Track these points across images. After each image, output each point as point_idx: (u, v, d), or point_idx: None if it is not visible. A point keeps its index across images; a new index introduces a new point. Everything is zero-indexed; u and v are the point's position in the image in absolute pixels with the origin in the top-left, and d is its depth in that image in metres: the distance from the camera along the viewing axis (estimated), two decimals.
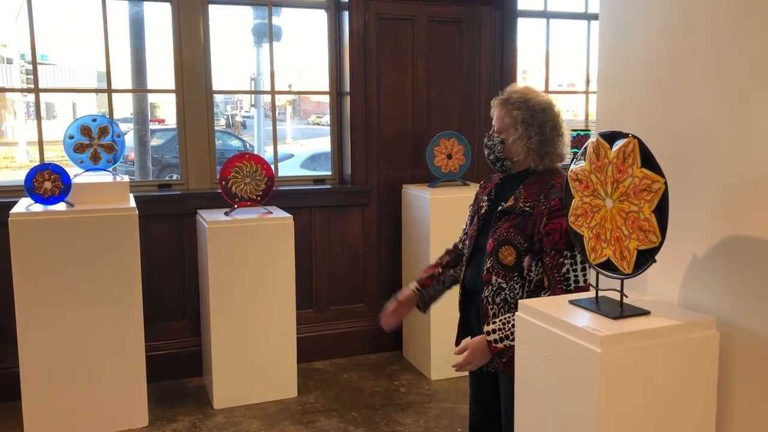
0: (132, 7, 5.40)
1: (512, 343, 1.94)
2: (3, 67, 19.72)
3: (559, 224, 2.01)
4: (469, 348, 2.10)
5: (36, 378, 3.31)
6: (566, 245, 2.01)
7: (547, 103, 2.16)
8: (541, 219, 2.05)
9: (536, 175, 2.15)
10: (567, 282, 2.02)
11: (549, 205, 2.05)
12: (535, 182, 2.13)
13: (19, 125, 17.08)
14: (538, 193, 2.10)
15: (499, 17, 4.63)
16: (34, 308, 3.27)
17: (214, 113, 4.32)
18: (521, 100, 2.14)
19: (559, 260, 2.02)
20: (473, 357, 2.08)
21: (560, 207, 2.01)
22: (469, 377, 2.40)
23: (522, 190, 2.13)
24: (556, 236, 2.02)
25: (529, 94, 2.15)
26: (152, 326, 3.96)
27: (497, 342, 2.02)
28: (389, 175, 4.48)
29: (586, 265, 2.03)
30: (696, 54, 1.66)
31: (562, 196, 2.01)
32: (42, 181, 3.36)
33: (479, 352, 2.07)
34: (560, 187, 2.06)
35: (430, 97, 4.51)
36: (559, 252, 2.02)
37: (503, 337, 2.02)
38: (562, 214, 1.99)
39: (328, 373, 4.26)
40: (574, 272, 2.02)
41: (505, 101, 2.15)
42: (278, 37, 7.28)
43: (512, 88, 2.19)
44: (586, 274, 2.04)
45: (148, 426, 3.53)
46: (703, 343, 1.56)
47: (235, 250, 3.69)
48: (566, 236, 1.99)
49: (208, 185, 4.21)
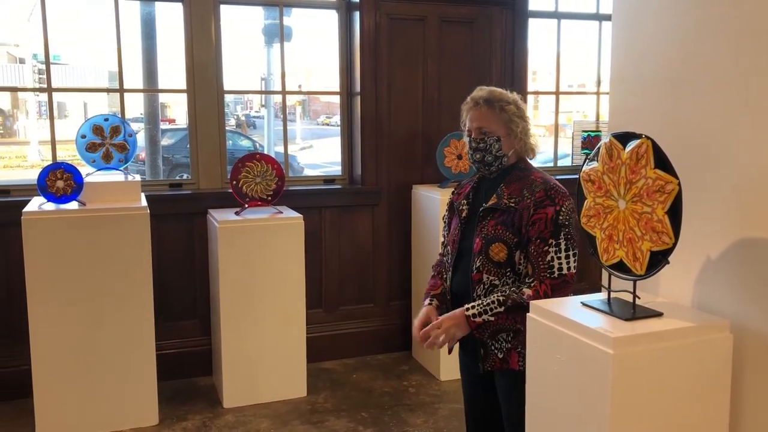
0: (144, 7, 5.43)
1: (490, 318, 2.05)
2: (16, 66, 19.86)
3: (545, 214, 2.06)
4: (447, 318, 2.12)
5: (48, 376, 3.33)
6: (551, 234, 2.05)
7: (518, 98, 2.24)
8: (528, 212, 2.08)
9: (516, 173, 2.18)
10: (551, 270, 2.05)
11: (534, 198, 2.09)
12: (515, 179, 2.17)
13: (31, 124, 17.21)
14: (520, 188, 2.14)
15: (510, 18, 4.62)
16: (46, 306, 3.30)
17: (225, 113, 4.33)
18: (504, 98, 2.19)
19: (544, 248, 2.05)
20: (450, 324, 2.09)
21: (545, 198, 2.08)
22: (462, 384, 2.38)
23: (503, 187, 2.16)
24: (541, 225, 2.06)
25: (503, 92, 2.22)
26: (163, 325, 3.98)
27: (475, 317, 2.06)
28: (399, 175, 4.48)
29: (571, 254, 2.06)
30: (710, 54, 1.65)
31: (545, 188, 2.09)
32: (54, 180, 3.38)
33: (455, 323, 2.09)
34: (541, 181, 2.13)
35: (440, 97, 4.50)
36: (544, 240, 2.05)
37: (483, 311, 2.06)
38: (547, 204, 2.07)
39: (338, 373, 4.26)
40: (558, 260, 2.05)
41: (488, 101, 2.17)
42: (288, 38, 7.30)
43: (481, 92, 2.21)
44: (570, 262, 2.06)
45: (158, 424, 3.55)
46: (716, 346, 1.55)
47: (246, 250, 3.70)
48: (551, 225, 2.05)
49: (218, 185, 4.23)
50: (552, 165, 5.28)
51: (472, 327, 2.06)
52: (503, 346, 2.12)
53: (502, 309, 2.04)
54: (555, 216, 2.05)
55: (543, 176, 2.16)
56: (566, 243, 2.05)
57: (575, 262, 2.08)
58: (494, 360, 2.13)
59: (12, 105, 19.35)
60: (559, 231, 2.05)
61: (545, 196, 2.07)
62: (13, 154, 15.89)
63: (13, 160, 15.13)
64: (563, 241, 2.05)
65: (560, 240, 2.05)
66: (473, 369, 2.21)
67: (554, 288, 2.04)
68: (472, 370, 2.24)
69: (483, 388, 2.26)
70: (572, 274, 2.07)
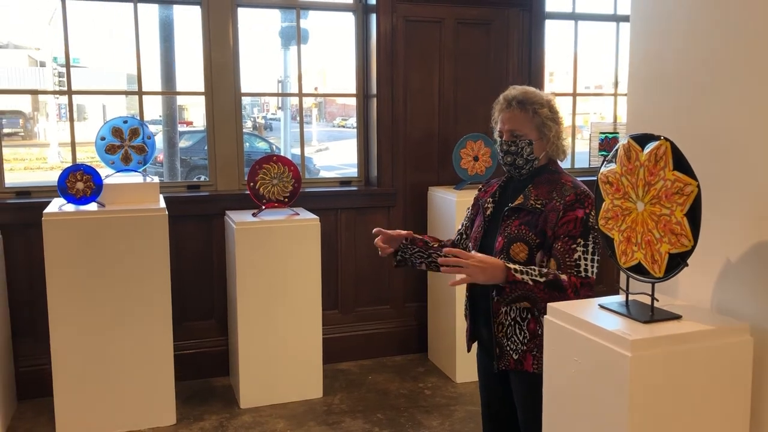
0: (162, 10, 5.48)
1: (529, 281, 1.96)
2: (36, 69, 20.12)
3: (575, 216, 2.05)
4: (485, 256, 2.00)
5: (67, 375, 3.37)
6: (581, 234, 2.04)
7: (552, 98, 2.21)
8: (556, 214, 2.06)
9: (546, 175, 2.17)
10: (578, 268, 2.03)
11: (564, 201, 2.08)
12: (544, 182, 2.16)
13: (51, 127, 17.41)
14: (549, 191, 2.12)
15: (527, 19, 4.61)
16: (66, 306, 3.34)
17: (242, 116, 4.36)
18: (538, 99, 2.16)
19: (572, 246, 2.04)
20: (483, 263, 1.95)
21: (575, 201, 2.06)
22: (480, 384, 2.38)
23: (531, 188, 2.15)
24: (570, 225, 2.04)
25: (536, 92, 2.19)
26: (180, 326, 4.01)
27: (516, 272, 1.97)
28: (415, 177, 4.49)
29: (596, 258, 2.05)
30: (730, 55, 1.64)
31: (576, 192, 2.07)
32: (74, 182, 3.42)
33: (491, 266, 1.96)
34: (571, 185, 2.11)
35: (457, 99, 4.50)
36: (572, 238, 2.04)
37: (524, 272, 1.98)
38: (577, 207, 2.05)
39: (354, 375, 4.27)
40: (585, 261, 2.03)
41: (521, 102, 2.15)
42: (305, 40, 7.33)
43: (513, 91, 2.19)
44: (593, 266, 2.05)
45: (175, 424, 3.58)
46: (736, 349, 1.53)
47: (263, 251, 3.72)
48: (581, 226, 2.04)
49: (236, 186, 4.25)
50: (569, 167, 5.25)
51: (509, 279, 1.95)
52: (519, 347, 2.11)
53: (542, 279, 1.98)
54: (585, 218, 2.04)
55: (573, 180, 2.15)
56: (593, 246, 2.04)
57: (597, 269, 2.06)
58: (509, 360, 2.13)
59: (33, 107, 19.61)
60: (588, 233, 2.03)
61: (576, 199, 2.06)
62: (33, 156, 16.10)
63: (33, 162, 15.32)
64: (591, 244, 2.04)
65: (588, 242, 2.03)
66: (490, 369, 2.21)
67: (582, 286, 2.02)
68: (489, 370, 2.24)
69: (500, 388, 2.26)
70: (593, 279, 2.06)
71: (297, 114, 4.95)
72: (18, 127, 19.08)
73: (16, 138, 18.75)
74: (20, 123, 18.99)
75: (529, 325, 2.09)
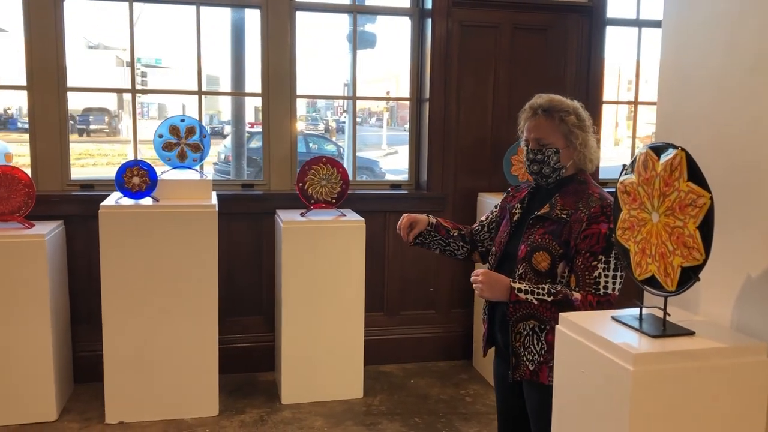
0: (234, 13, 5.67)
1: (534, 300, 2.01)
2: (122, 69, 21.09)
3: (598, 229, 2.00)
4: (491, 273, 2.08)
5: (117, 361, 3.52)
6: (603, 250, 1.99)
7: (579, 106, 2.17)
8: (580, 225, 2.03)
9: (573, 185, 2.13)
10: (597, 286, 1.99)
11: (589, 212, 2.03)
12: (571, 191, 2.11)
13: (131, 124, 18.20)
14: (575, 201, 2.08)
15: (587, 25, 4.51)
16: (118, 295, 3.49)
17: (315, 118, 4.44)
18: (564, 107, 2.12)
19: (593, 263, 2.00)
20: (490, 281, 2.05)
21: (600, 213, 2.01)
22: (496, 391, 2.37)
23: (558, 198, 2.11)
24: (593, 240, 2.00)
25: (563, 100, 2.15)
26: (229, 319, 4.13)
27: (520, 292, 2.02)
28: (465, 182, 4.46)
29: (618, 274, 2.00)
30: (761, 64, 1.57)
31: (602, 205, 2.02)
32: (131, 177, 3.58)
33: (497, 284, 2.04)
34: (598, 196, 2.07)
35: (511, 105, 4.44)
36: (594, 255, 2.00)
37: (530, 291, 2.02)
38: (602, 220, 2.00)
39: (396, 377, 4.28)
40: (605, 278, 1.99)
41: (547, 110, 2.12)
42: (373, 44, 7.39)
43: (540, 99, 2.15)
44: (615, 283, 2.00)
45: (218, 415, 3.68)
46: (751, 369, 1.47)
47: (308, 250, 3.78)
48: (603, 241, 1.99)
49: (288, 186, 4.34)
50: None
51: (511, 299, 2.02)
52: (535, 358, 2.08)
53: (549, 298, 1.99)
54: (608, 233, 1.99)
55: (601, 192, 2.10)
56: (616, 263, 1.99)
57: (620, 285, 2.01)
58: (525, 371, 2.10)
59: (117, 105, 20.58)
60: (611, 249, 1.99)
61: (601, 212, 2.02)
62: (115, 152, 16.87)
63: (115, 158, 16.05)
64: (613, 260, 1.99)
65: (610, 258, 1.99)
66: (506, 377, 2.18)
67: (598, 304, 1.98)
68: (505, 378, 2.22)
69: (516, 397, 2.23)
70: (615, 295, 2.01)
71: (363, 117, 5.01)
72: (103, 123, 20.08)
73: (101, 134, 19.74)
74: (105, 120, 19.96)
75: (547, 336, 2.06)
